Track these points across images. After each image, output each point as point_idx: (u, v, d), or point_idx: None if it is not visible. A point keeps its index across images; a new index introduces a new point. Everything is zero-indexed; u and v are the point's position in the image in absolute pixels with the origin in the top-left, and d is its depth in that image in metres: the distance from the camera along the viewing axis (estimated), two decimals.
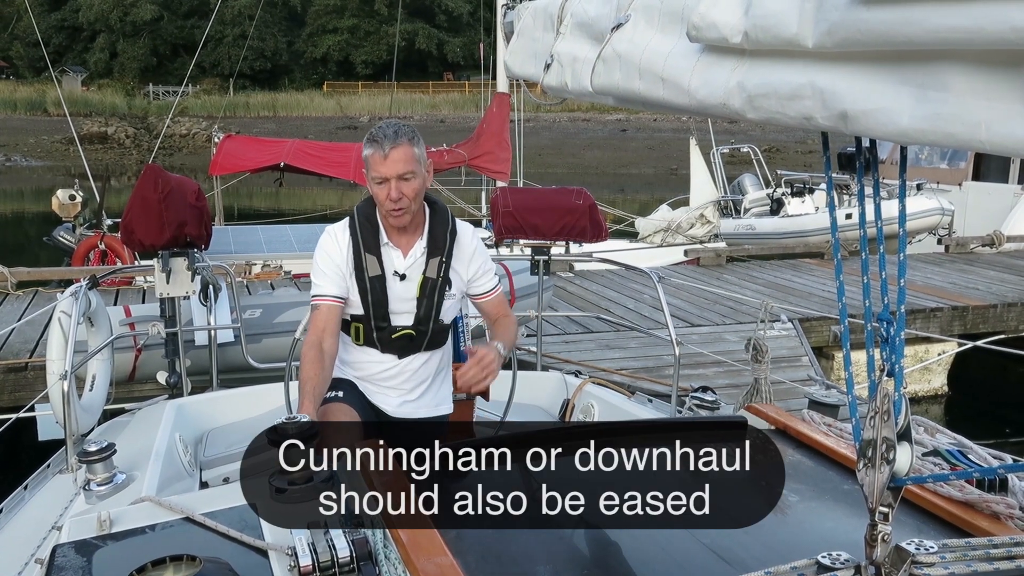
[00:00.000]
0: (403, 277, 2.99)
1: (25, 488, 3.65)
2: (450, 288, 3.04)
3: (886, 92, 1.24)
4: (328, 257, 3.01)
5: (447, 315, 3.09)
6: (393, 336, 3.02)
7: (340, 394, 3.01)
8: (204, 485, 3.50)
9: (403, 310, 3.01)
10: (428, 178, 2.96)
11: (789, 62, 1.41)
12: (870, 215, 1.66)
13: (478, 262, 3.08)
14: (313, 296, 3.02)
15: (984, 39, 1.07)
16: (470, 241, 3.08)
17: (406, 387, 3.11)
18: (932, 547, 1.51)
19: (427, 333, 3.04)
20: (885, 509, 1.52)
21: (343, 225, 3.06)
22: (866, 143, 1.62)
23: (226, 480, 3.45)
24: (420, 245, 3.00)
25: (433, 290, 3.00)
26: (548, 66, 2.40)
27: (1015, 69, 1.09)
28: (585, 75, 2.13)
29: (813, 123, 1.38)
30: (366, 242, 2.99)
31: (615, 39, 1.99)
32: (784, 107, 1.43)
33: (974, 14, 1.07)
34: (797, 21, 1.35)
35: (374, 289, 2.98)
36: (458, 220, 3.11)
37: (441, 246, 3.01)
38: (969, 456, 2.07)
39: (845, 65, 1.31)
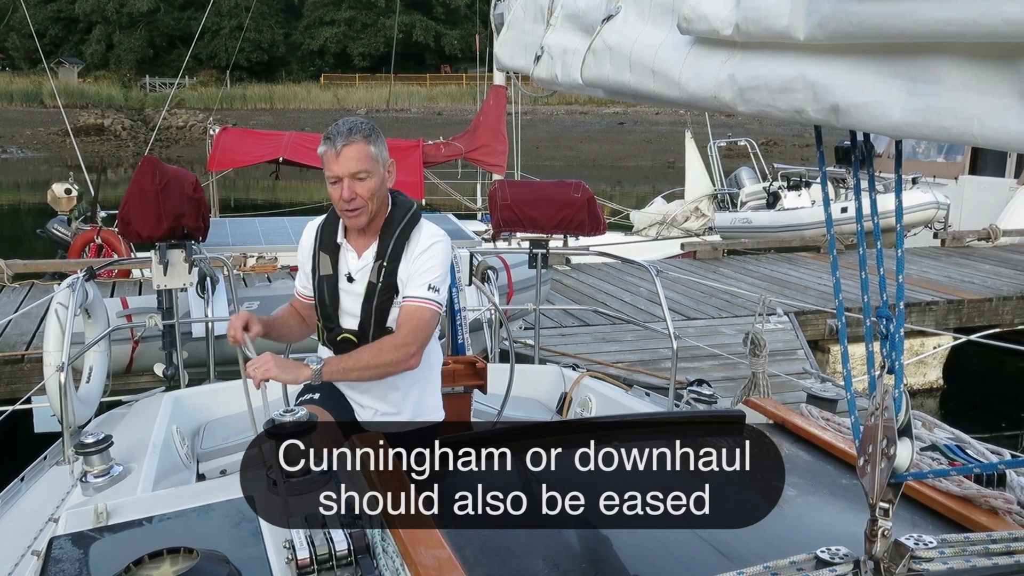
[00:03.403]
0: (351, 280, 2.92)
1: (22, 480, 3.65)
2: (397, 295, 2.89)
3: (878, 85, 1.23)
4: (300, 251, 3.06)
5: (395, 322, 2.91)
6: (338, 338, 2.94)
7: (316, 396, 2.93)
8: (201, 477, 3.50)
9: (352, 312, 2.93)
10: (390, 179, 2.87)
11: (780, 55, 1.40)
12: (866, 209, 1.66)
13: (417, 265, 2.88)
14: None
15: (977, 32, 1.06)
16: (424, 247, 2.89)
17: (372, 395, 2.96)
18: (931, 542, 1.52)
19: (367, 340, 2.89)
20: (885, 505, 1.52)
21: (320, 219, 3.04)
22: (860, 137, 1.61)
23: (223, 472, 3.45)
24: (373, 248, 2.90)
25: (373, 295, 2.88)
26: (538, 58, 2.37)
27: (1008, 62, 1.07)
28: (575, 67, 2.11)
29: (804, 116, 1.37)
30: (324, 240, 2.96)
31: (605, 31, 1.97)
32: (775, 100, 1.41)
33: (967, 7, 1.06)
34: (788, 13, 1.33)
35: (321, 289, 2.95)
36: (426, 223, 2.96)
37: (387, 250, 2.88)
38: (967, 451, 2.07)
39: (837, 58, 1.30)
